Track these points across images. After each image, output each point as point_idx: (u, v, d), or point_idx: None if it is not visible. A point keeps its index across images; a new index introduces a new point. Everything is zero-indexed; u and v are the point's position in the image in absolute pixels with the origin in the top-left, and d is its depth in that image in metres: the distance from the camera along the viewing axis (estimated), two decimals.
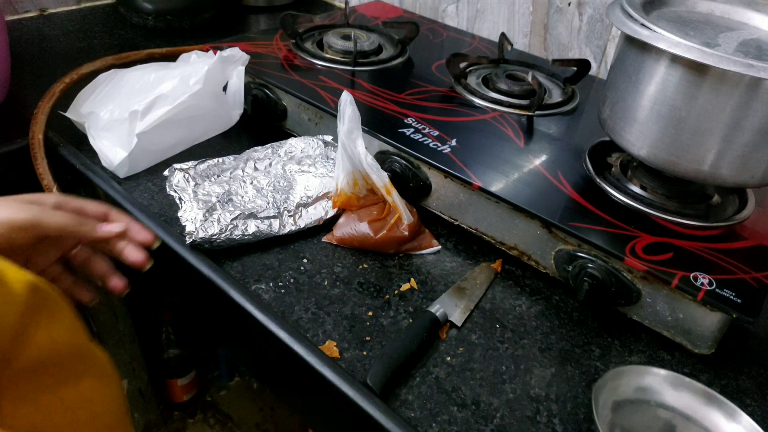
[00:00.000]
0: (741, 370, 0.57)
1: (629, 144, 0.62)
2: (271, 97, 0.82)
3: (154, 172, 0.74)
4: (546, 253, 0.63)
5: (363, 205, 0.68)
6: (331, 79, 0.83)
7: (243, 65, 0.81)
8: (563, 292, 0.64)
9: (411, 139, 0.70)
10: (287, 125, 0.84)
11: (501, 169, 0.66)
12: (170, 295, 1.14)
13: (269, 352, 0.59)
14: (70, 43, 1.06)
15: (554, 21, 1.03)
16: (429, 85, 0.85)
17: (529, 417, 0.51)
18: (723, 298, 0.52)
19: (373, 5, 1.18)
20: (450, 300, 0.60)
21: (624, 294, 0.58)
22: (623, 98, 0.62)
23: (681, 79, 0.55)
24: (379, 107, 0.77)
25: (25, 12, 1.16)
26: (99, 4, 1.25)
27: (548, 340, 0.58)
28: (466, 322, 0.59)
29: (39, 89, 0.82)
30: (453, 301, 0.60)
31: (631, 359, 0.57)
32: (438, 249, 0.68)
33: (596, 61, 1.01)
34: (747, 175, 0.58)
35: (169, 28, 1.14)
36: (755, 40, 0.59)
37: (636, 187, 0.66)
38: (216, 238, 0.62)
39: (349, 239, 0.66)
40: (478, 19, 1.13)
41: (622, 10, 0.59)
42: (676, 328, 0.57)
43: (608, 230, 0.59)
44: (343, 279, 0.62)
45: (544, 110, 0.81)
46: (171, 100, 0.73)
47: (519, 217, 0.63)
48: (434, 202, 0.70)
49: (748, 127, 0.54)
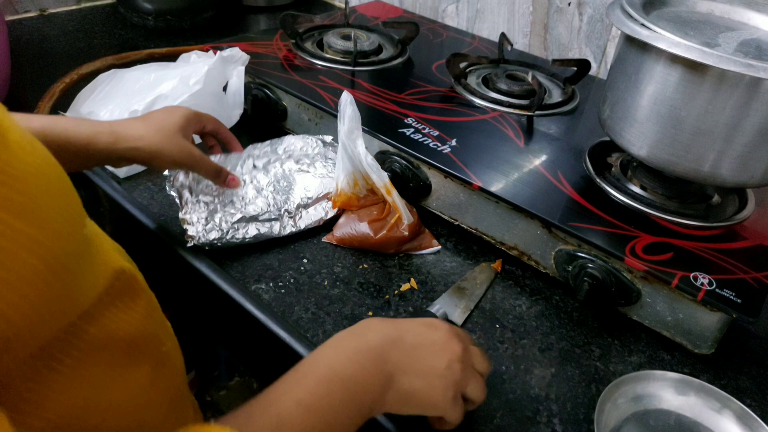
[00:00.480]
0: (741, 370, 0.57)
1: (629, 144, 0.62)
2: (271, 97, 0.82)
3: (154, 172, 0.74)
4: (546, 253, 0.63)
5: (363, 205, 0.68)
6: (331, 79, 0.83)
7: (243, 65, 0.81)
8: (563, 292, 0.64)
9: (411, 139, 0.70)
10: (287, 125, 0.84)
11: (501, 169, 0.66)
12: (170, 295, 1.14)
13: (269, 352, 0.59)
14: (70, 43, 1.06)
15: (554, 21, 1.03)
16: (429, 85, 0.85)
17: (529, 417, 0.51)
18: (723, 298, 0.52)
19: (373, 5, 1.18)
20: (450, 300, 0.60)
21: (624, 294, 0.58)
22: (623, 98, 0.62)
23: (681, 79, 0.55)
24: (379, 107, 0.77)
25: (25, 12, 1.16)
26: (99, 4, 1.25)
27: (548, 340, 0.58)
28: (466, 321, 0.59)
29: (39, 89, 0.82)
30: (453, 301, 0.60)
31: (631, 359, 0.57)
32: (438, 249, 0.68)
33: (596, 61, 1.01)
34: (747, 175, 0.58)
35: (169, 28, 1.14)
36: (755, 40, 0.59)
37: (636, 187, 0.66)
38: (217, 242, 0.62)
39: (349, 239, 0.66)
40: (478, 19, 1.13)
41: (622, 10, 0.59)
42: (676, 328, 0.57)
43: (608, 230, 0.59)
44: (343, 279, 0.62)
45: (544, 110, 0.81)
46: (171, 100, 0.73)
47: (519, 217, 0.63)
48: (434, 202, 0.70)
49: (748, 127, 0.54)
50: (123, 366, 0.37)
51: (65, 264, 0.29)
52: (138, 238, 0.69)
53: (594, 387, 0.54)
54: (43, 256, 0.26)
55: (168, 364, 0.44)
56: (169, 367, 0.44)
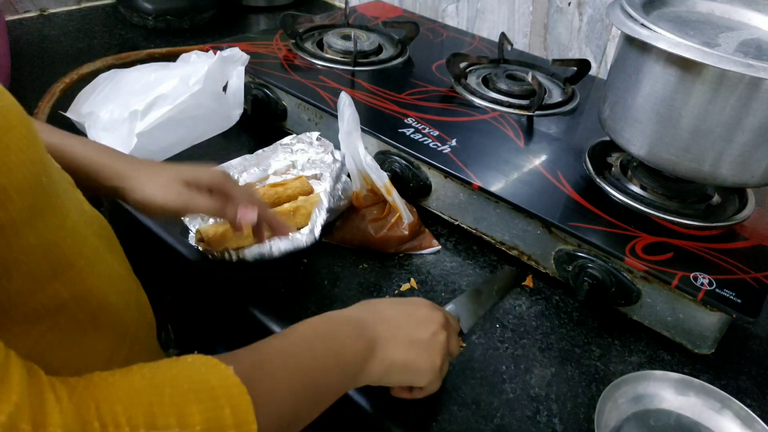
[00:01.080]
0: (741, 370, 0.57)
1: (629, 144, 0.62)
2: (271, 97, 0.82)
3: None
4: (546, 253, 0.63)
5: (363, 205, 0.68)
6: (331, 79, 0.83)
7: (243, 65, 0.81)
8: (563, 292, 0.64)
9: (411, 139, 0.70)
10: (287, 125, 0.84)
11: (501, 169, 0.66)
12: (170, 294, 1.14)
13: None
14: (70, 43, 1.06)
15: (554, 21, 1.03)
16: (429, 85, 0.85)
17: (529, 417, 0.51)
18: (723, 298, 0.52)
19: (373, 5, 1.18)
20: (464, 304, 0.60)
21: (624, 294, 0.58)
22: (623, 98, 0.62)
23: (681, 79, 0.55)
24: (379, 107, 0.77)
25: (25, 12, 1.16)
26: (99, 4, 1.25)
27: (548, 340, 0.58)
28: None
29: (39, 89, 0.82)
30: (467, 305, 0.60)
31: (631, 359, 0.57)
32: (438, 249, 0.68)
33: (596, 61, 1.01)
34: (747, 175, 0.58)
35: (169, 28, 1.14)
36: (755, 40, 0.59)
37: (636, 187, 0.66)
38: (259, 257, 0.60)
39: (350, 239, 0.66)
40: (478, 19, 1.13)
41: (622, 10, 0.59)
42: (676, 328, 0.57)
43: (608, 230, 0.59)
44: (343, 279, 0.62)
45: (544, 110, 0.81)
46: (171, 100, 0.73)
47: (519, 217, 0.63)
48: (434, 202, 0.70)
49: (748, 127, 0.54)
50: (83, 331, 0.39)
51: (13, 200, 0.31)
52: (138, 237, 0.69)
53: (594, 387, 0.54)
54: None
55: (133, 341, 0.45)
56: (135, 346, 0.46)
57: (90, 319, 0.40)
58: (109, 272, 0.43)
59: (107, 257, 0.44)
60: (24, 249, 0.33)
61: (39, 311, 0.35)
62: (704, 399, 0.52)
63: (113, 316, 0.42)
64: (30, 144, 0.33)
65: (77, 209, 0.41)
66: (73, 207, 0.40)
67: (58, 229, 0.36)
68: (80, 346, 0.39)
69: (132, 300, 0.47)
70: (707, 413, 0.51)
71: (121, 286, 0.45)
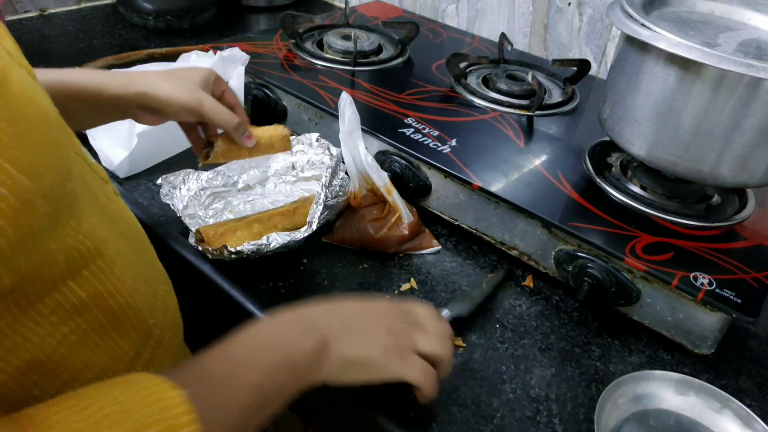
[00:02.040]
0: (741, 370, 0.57)
1: (629, 144, 0.62)
2: (271, 97, 0.82)
3: (154, 172, 0.74)
4: (546, 253, 0.63)
5: (363, 204, 0.68)
6: (331, 79, 0.83)
7: (243, 65, 0.81)
8: (563, 292, 0.64)
9: (411, 139, 0.70)
10: (287, 125, 0.84)
11: (501, 169, 0.66)
12: None
13: None
14: (70, 43, 1.06)
15: (554, 21, 1.03)
16: (429, 85, 0.85)
17: (529, 417, 0.51)
18: (723, 298, 0.52)
19: (373, 5, 1.18)
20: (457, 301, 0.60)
21: (624, 294, 0.58)
22: (623, 98, 0.62)
23: (681, 79, 0.55)
24: (379, 107, 0.77)
25: (25, 12, 1.16)
26: (99, 4, 1.25)
27: (548, 340, 0.58)
28: (467, 321, 0.59)
29: None
30: (460, 302, 0.60)
31: (631, 359, 0.57)
32: (438, 249, 0.68)
33: (596, 61, 1.01)
34: (747, 175, 0.58)
35: (169, 28, 1.14)
36: (755, 40, 0.59)
37: (636, 187, 0.66)
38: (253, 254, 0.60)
39: (350, 239, 0.66)
40: (478, 19, 1.13)
41: (622, 10, 0.59)
42: (676, 328, 0.57)
43: (608, 230, 0.59)
44: (343, 279, 0.62)
45: (544, 110, 0.81)
46: None
47: (519, 217, 0.63)
48: (434, 202, 0.70)
49: (748, 127, 0.54)
50: (105, 332, 0.39)
51: (39, 206, 0.30)
52: None
53: (594, 387, 0.54)
54: (17, 192, 0.28)
55: (157, 343, 0.45)
56: (159, 348, 0.45)
57: (110, 321, 0.39)
58: (133, 274, 0.42)
59: (131, 258, 0.43)
60: (43, 254, 0.32)
61: (57, 311, 0.35)
62: (704, 399, 0.52)
63: (135, 317, 0.42)
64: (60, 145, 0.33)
65: (100, 209, 0.41)
66: (94, 208, 0.39)
67: (75, 231, 0.35)
68: (103, 348, 0.39)
69: (158, 302, 0.46)
70: (707, 413, 0.51)
71: (145, 288, 0.44)
